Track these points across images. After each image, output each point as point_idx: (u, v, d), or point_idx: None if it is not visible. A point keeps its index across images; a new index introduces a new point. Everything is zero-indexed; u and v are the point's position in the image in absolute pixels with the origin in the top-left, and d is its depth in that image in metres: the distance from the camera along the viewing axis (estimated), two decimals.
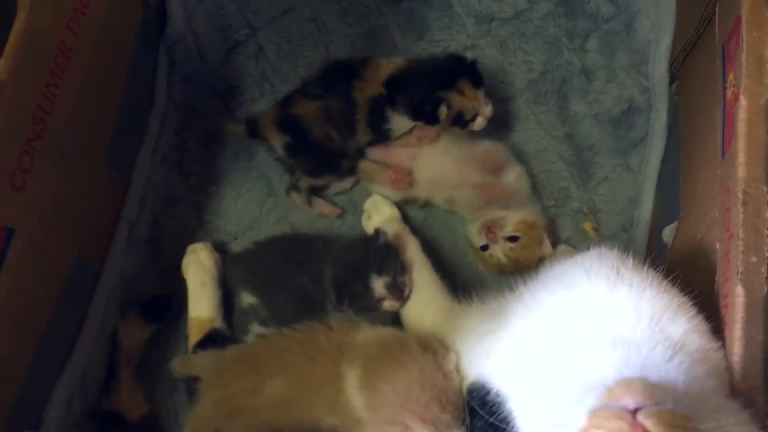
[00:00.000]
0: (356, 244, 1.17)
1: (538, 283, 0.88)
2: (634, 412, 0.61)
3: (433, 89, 1.19)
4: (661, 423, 0.60)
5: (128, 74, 1.21)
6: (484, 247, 1.21)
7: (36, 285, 0.98)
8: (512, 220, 1.21)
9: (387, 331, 1.08)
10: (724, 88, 0.91)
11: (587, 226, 1.28)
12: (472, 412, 0.87)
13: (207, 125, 1.36)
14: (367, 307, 1.11)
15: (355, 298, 1.10)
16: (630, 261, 0.81)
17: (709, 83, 1.02)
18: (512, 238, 1.19)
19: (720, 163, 0.89)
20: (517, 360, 0.80)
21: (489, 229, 1.20)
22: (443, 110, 1.17)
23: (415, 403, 0.95)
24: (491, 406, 0.80)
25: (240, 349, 1.15)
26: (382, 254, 1.12)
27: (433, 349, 1.02)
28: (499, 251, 1.20)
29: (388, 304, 1.11)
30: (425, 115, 1.19)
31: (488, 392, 0.82)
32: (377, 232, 1.15)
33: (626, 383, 0.65)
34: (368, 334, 1.06)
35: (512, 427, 0.77)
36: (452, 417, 0.96)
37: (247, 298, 1.19)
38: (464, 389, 0.90)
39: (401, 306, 1.12)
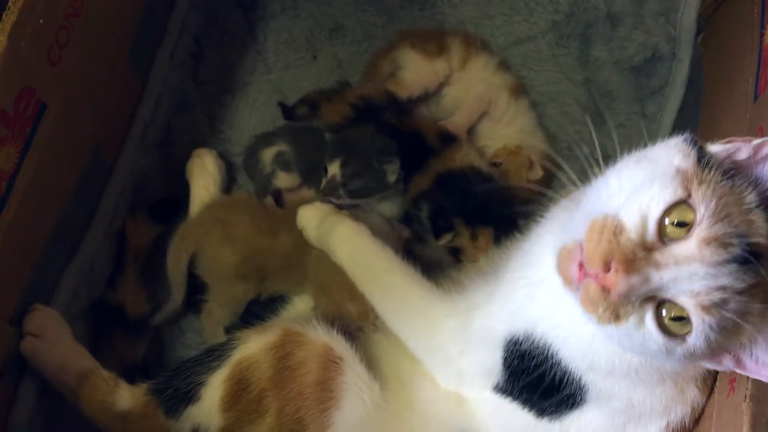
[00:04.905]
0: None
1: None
2: None
3: (457, 214, 1.12)
4: None
5: None
6: None
7: (58, 167, 0.97)
8: (493, 147, 1.25)
9: None
10: (762, 34, 0.93)
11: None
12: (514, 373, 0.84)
13: (226, 35, 1.34)
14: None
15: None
16: None
17: (740, 33, 1.04)
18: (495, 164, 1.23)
19: (751, 107, 0.91)
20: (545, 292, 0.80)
21: None
22: (447, 237, 1.11)
23: None
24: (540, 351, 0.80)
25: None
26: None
27: None
28: None
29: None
30: (434, 227, 1.13)
31: (533, 339, 0.81)
32: None
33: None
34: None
35: (557, 362, 0.78)
36: None
37: (274, 149, 1.22)
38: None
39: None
